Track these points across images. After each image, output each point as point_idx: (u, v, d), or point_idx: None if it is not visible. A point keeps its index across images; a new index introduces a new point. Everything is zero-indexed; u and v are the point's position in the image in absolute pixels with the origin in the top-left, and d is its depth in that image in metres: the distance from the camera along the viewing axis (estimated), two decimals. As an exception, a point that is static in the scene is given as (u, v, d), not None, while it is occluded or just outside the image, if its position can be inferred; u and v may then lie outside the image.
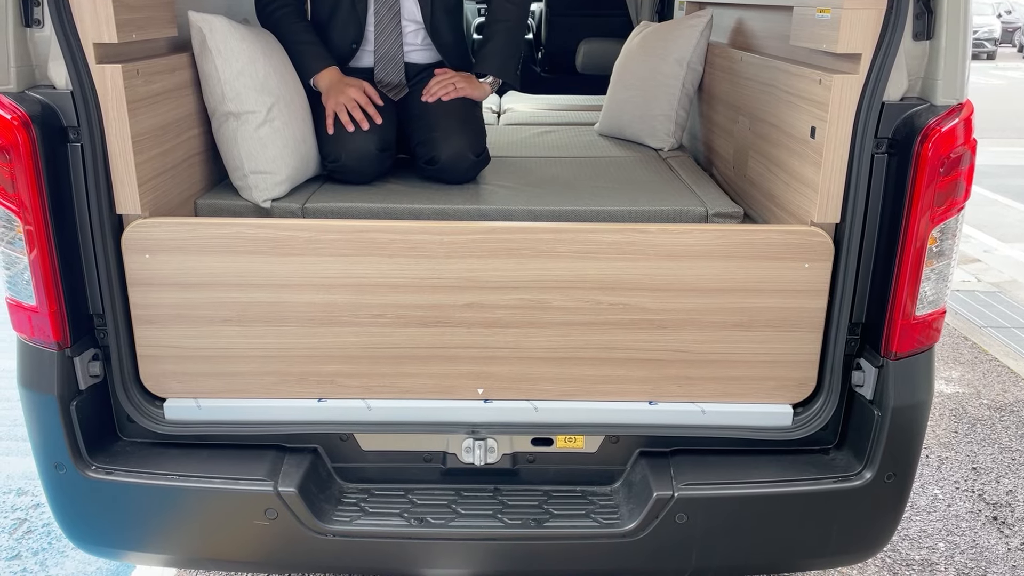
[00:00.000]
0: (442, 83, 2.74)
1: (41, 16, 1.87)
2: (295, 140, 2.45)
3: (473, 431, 2.11)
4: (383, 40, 2.80)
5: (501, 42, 2.86)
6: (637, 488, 2.10)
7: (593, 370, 2.06)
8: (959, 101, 1.87)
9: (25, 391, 2.01)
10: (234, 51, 2.28)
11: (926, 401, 2.02)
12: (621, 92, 3.40)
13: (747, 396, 2.08)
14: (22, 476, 3.33)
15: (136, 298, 2.00)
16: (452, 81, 2.74)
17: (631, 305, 2.00)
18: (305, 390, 2.08)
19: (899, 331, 1.94)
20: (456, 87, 2.74)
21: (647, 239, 1.96)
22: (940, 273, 1.93)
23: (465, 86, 2.76)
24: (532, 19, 7.15)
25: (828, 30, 1.94)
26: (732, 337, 2.03)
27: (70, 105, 1.89)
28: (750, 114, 2.57)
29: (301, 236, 1.96)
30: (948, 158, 1.82)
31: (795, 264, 1.97)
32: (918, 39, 1.88)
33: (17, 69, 1.87)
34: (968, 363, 4.46)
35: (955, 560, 2.91)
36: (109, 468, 2.04)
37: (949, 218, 1.88)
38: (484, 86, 2.83)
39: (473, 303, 2.00)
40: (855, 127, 1.90)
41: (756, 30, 2.79)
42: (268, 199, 2.39)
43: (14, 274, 1.93)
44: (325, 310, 2.01)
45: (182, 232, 1.97)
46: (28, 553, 2.91)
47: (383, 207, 2.38)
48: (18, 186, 1.83)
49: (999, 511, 3.19)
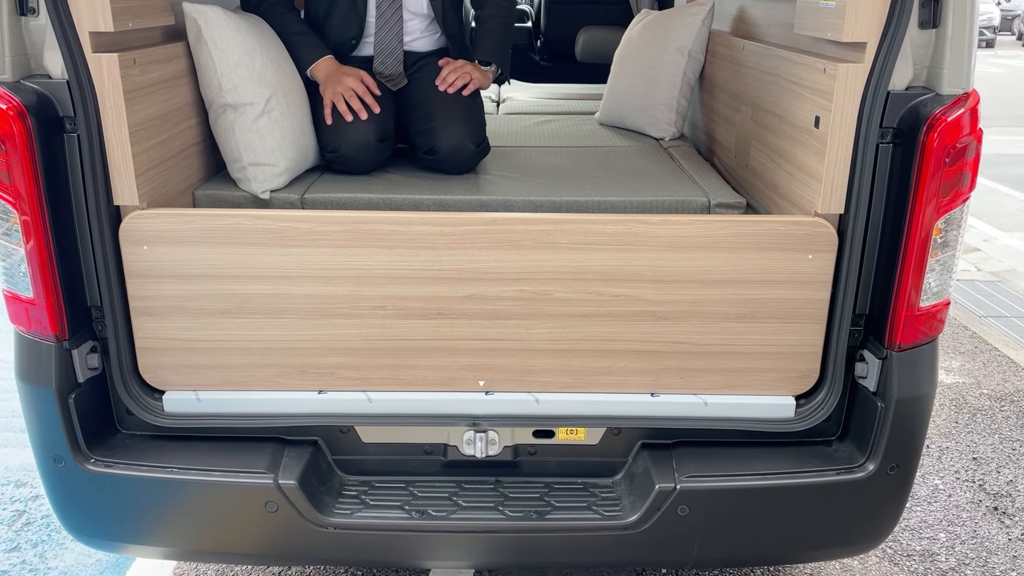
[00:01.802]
0: (458, 73, 2.70)
1: (36, 5, 1.84)
2: (293, 131, 2.42)
3: (474, 423, 2.10)
4: (384, 34, 2.77)
5: (500, 31, 2.88)
6: (639, 480, 2.09)
7: (595, 362, 2.05)
8: (965, 90, 1.85)
9: (23, 384, 1.99)
10: (230, 42, 2.25)
11: (929, 393, 2.01)
12: (622, 81, 3.37)
13: (750, 388, 2.07)
14: (20, 468, 3.32)
15: (134, 290, 1.99)
16: (467, 71, 2.72)
17: (633, 296, 1.99)
18: (305, 382, 2.07)
19: (903, 323, 1.93)
20: (472, 77, 2.71)
21: (649, 230, 1.95)
22: (945, 264, 1.91)
23: (479, 76, 2.74)
24: (531, 7, 7.11)
25: (833, 18, 1.92)
26: (735, 329, 2.02)
27: (66, 95, 1.87)
28: (752, 103, 2.55)
29: (300, 227, 1.95)
30: (954, 148, 1.80)
31: (799, 255, 1.96)
32: (924, 28, 1.86)
33: (12, 59, 1.85)
34: (968, 353, 4.46)
35: (956, 550, 2.91)
36: (108, 461, 2.03)
37: (954, 209, 1.86)
38: (489, 74, 2.82)
39: (474, 295, 1.99)
40: (860, 117, 1.88)
41: (758, 18, 2.77)
42: (267, 190, 2.37)
43: (11, 266, 1.91)
44: (325, 302, 1.99)
45: (180, 223, 1.95)
46: (27, 545, 2.90)
47: (382, 197, 2.36)
48: (14, 177, 1.81)
49: (999, 501, 3.19)
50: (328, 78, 2.59)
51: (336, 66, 2.63)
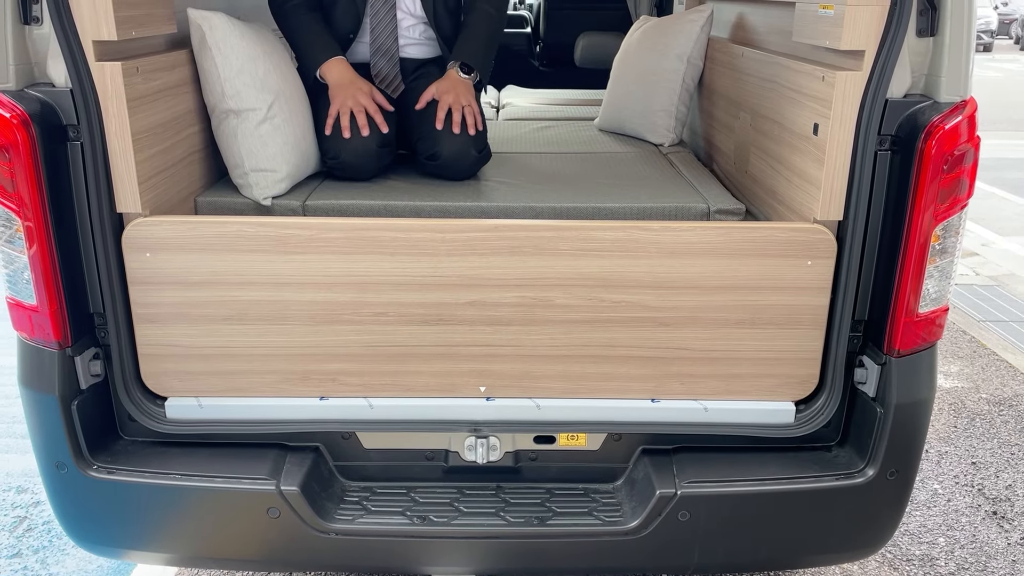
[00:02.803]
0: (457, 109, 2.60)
1: (40, 13, 1.85)
2: (295, 137, 2.44)
3: (475, 429, 2.11)
4: (379, 32, 2.79)
5: (484, 37, 2.79)
6: (640, 486, 2.10)
7: (595, 368, 2.06)
8: (963, 98, 1.87)
9: (26, 390, 2.00)
10: (234, 48, 2.27)
11: (928, 398, 2.02)
12: (621, 87, 3.39)
13: (749, 393, 2.08)
14: (22, 474, 3.33)
15: (137, 297, 2.00)
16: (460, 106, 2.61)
17: (633, 302, 2.00)
18: (307, 388, 2.08)
19: (902, 328, 1.94)
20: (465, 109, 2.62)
21: (649, 236, 1.96)
22: (943, 270, 1.92)
23: (470, 102, 2.65)
24: (531, 13, 7.13)
25: (831, 26, 1.93)
26: (734, 335, 2.03)
27: (69, 103, 1.88)
28: (751, 110, 2.56)
29: (302, 234, 1.96)
30: (952, 155, 1.81)
31: (798, 261, 1.97)
32: (922, 36, 1.87)
33: (16, 67, 1.86)
34: (967, 357, 4.47)
35: (955, 555, 2.92)
36: (110, 467, 2.04)
37: (952, 215, 1.87)
38: (470, 84, 2.72)
39: (475, 301, 2.00)
40: (858, 124, 1.89)
41: (757, 25, 2.78)
42: (269, 197, 2.38)
43: (14, 273, 1.92)
44: (326, 308, 2.00)
45: (183, 230, 1.96)
46: (29, 551, 2.90)
47: (384, 204, 2.37)
48: (18, 185, 1.82)
49: (999, 506, 3.19)
50: (340, 86, 2.57)
51: (351, 74, 2.61)
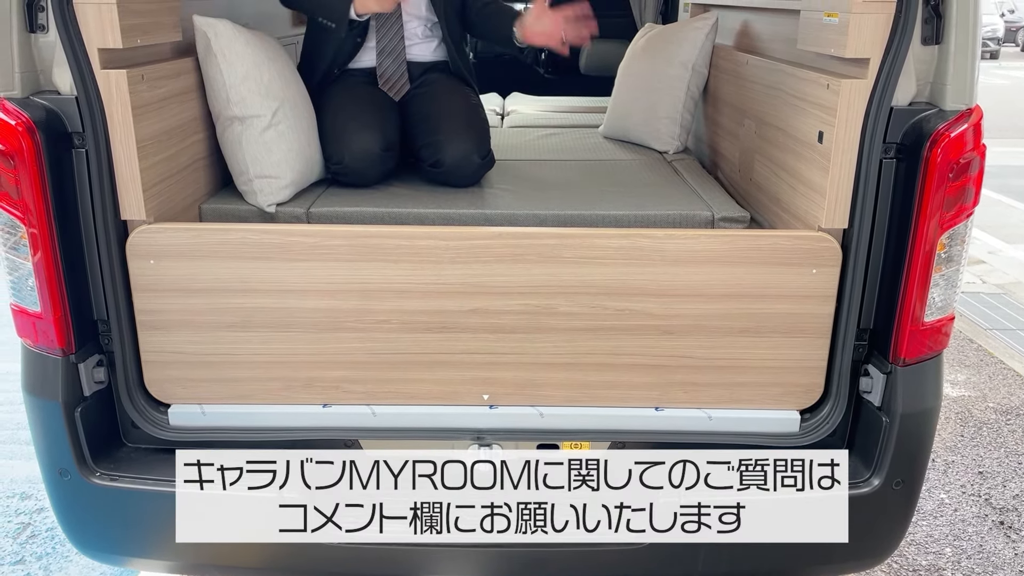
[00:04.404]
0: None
1: (46, 21, 1.86)
2: (300, 144, 2.44)
3: (478, 437, 2.10)
4: (384, 32, 2.79)
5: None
6: (643, 494, 2.09)
7: (599, 376, 2.05)
8: (968, 106, 1.86)
9: (29, 397, 2.00)
10: (239, 55, 2.27)
11: (935, 408, 2.01)
12: (625, 95, 3.38)
13: (754, 402, 2.07)
14: (25, 480, 3.33)
15: (141, 304, 2.00)
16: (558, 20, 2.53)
17: (637, 311, 1.99)
18: (310, 396, 2.07)
19: (908, 337, 1.93)
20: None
21: (653, 244, 1.95)
22: (949, 279, 1.92)
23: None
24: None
25: (836, 34, 1.93)
26: (739, 343, 2.02)
27: (75, 111, 1.88)
28: (756, 118, 2.56)
29: (306, 241, 1.96)
30: (957, 163, 1.80)
31: (803, 270, 1.96)
32: (927, 44, 1.87)
33: (21, 75, 1.86)
34: (973, 366, 4.45)
35: (962, 565, 2.90)
36: (114, 474, 2.04)
37: (958, 224, 1.87)
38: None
39: (478, 308, 1.99)
40: (863, 132, 1.89)
41: (762, 33, 2.78)
42: (273, 203, 2.38)
43: (18, 280, 1.92)
44: (330, 316, 2.00)
45: (187, 237, 1.96)
46: (32, 558, 2.90)
47: (388, 211, 2.37)
48: (23, 192, 1.82)
49: (1006, 516, 3.17)
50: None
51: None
